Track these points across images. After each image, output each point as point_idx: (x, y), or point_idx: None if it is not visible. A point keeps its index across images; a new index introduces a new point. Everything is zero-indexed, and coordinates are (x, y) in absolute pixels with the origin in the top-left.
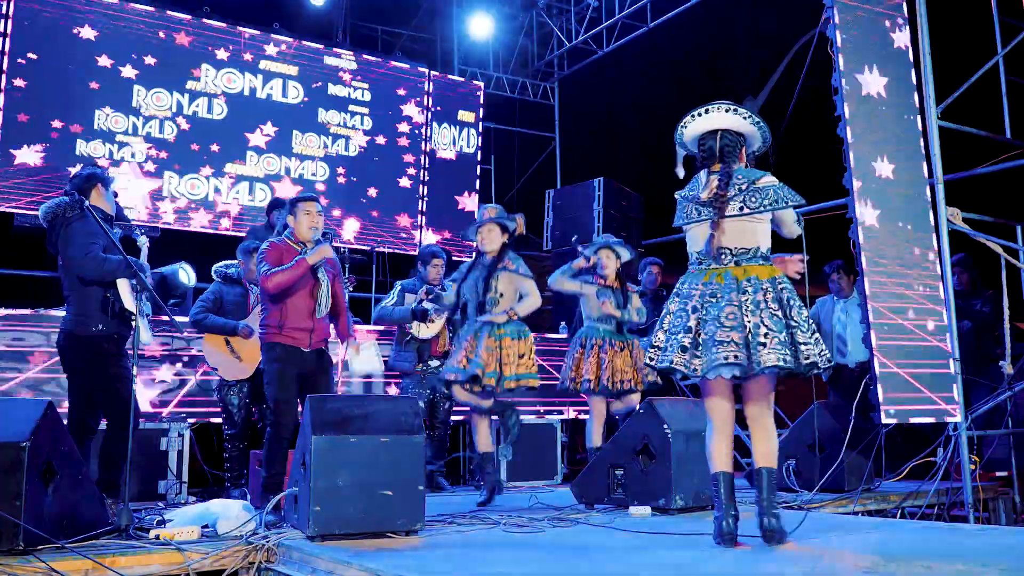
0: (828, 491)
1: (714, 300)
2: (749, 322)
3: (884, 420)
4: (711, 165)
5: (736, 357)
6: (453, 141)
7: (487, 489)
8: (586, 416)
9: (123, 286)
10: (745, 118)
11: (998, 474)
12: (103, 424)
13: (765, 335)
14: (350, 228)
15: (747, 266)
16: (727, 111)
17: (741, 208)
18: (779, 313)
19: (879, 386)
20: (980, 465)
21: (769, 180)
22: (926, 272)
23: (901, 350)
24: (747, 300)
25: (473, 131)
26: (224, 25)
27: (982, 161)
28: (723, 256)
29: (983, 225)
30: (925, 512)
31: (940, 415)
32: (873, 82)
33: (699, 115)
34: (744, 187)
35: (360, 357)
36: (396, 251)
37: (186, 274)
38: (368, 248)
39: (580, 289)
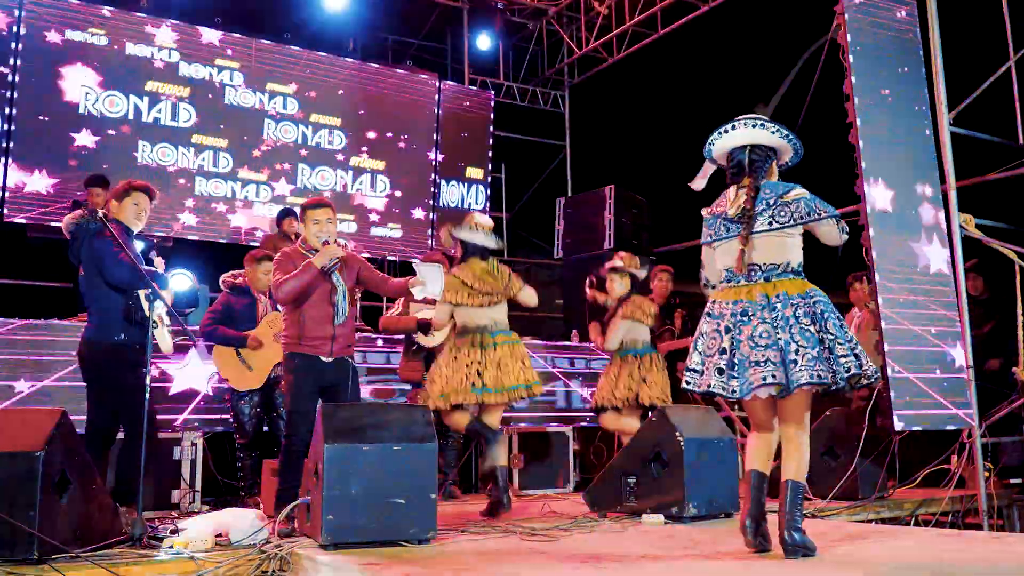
0: (842, 499)
1: (745, 319)
2: (781, 339)
3: (898, 427)
4: (740, 180)
5: (774, 376)
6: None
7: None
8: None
9: (144, 296)
10: (773, 132)
11: (1012, 481)
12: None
13: (796, 351)
14: (359, 236)
15: (777, 281)
16: (754, 126)
17: (770, 223)
18: (811, 328)
19: (893, 393)
20: (994, 472)
21: (799, 193)
22: (939, 278)
23: (915, 356)
24: (777, 317)
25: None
26: (234, 36)
27: (995, 167)
28: (753, 273)
29: (996, 231)
30: (939, 520)
31: (954, 422)
32: (885, 88)
33: (726, 131)
34: (772, 202)
35: (427, 282)
36: (407, 259)
37: (186, 279)
38: (379, 258)
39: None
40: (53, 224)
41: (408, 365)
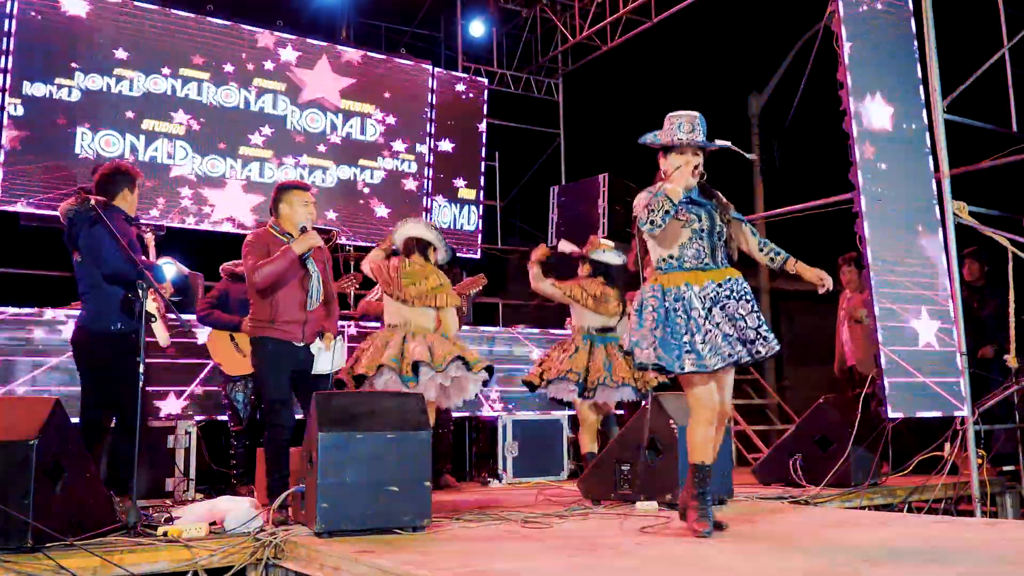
0: (835, 486)
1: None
2: None
3: (891, 414)
4: None
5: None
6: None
7: None
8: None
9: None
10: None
11: (1005, 468)
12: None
13: None
14: (354, 226)
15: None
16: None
17: None
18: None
19: (886, 380)
20: (987, 459)
21: (636, 202)
22: (933, 266)
23: (908, 344)
24: None
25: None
26: (227, 23)
27: (988, 155)
28: None
29: (990, 219)
30: (932, 507)
31: (947, 409)
32: (879, 76)
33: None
34: None
35: (326, 354)
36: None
37: (172, 267)
38: (372, 244)
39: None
40: (47, 212)
41: None
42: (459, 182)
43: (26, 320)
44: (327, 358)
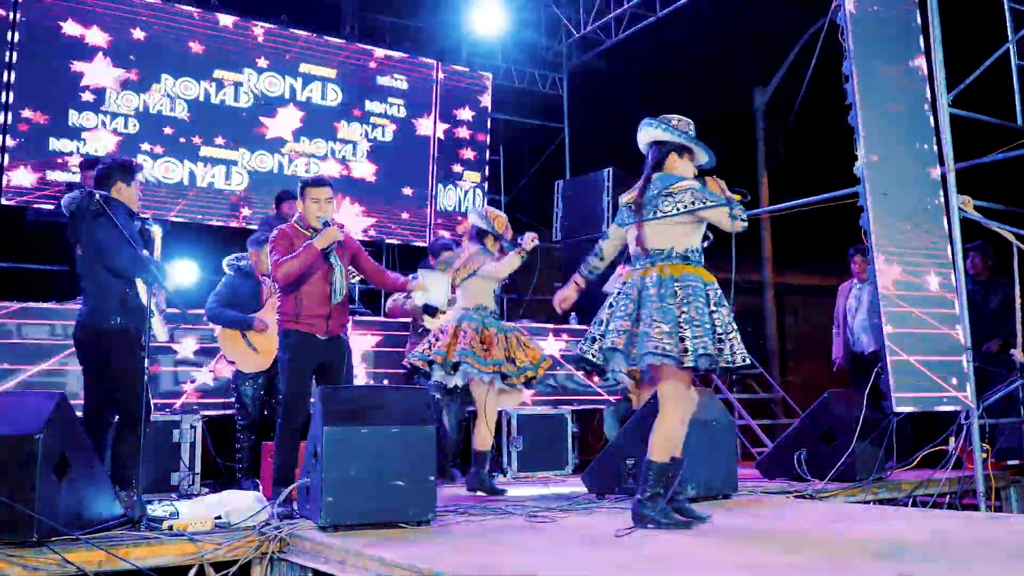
0: (839, 480)
1: (625, 296)
2: (641, 312)
3: (896, 409)
4: (646, 173)
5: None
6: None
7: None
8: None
9: (141, 282)
10: (664, 128)
11: (1010, 463)
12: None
13: (650, 325)
14: (358, 220)
15: (660, 265)
16: (655, 126)
17: (654, 213)
18: (672, 307)
19: (891, 374)
20: (992, 453)
21: (684, 185)
22: (938, 260)
23: (913, 338)
24: (644, 293)
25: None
26: (232, 18)
27: (993, 149)
28: (646, 257)
29: (995, 213)
30: (937, 501)
31: (952, 403)
32: (884, 69)
33: (639, 130)
34: (656, 193)
35: (430, 289)
36: (405, 243)
37: (194, 268)
38: (377, 240)
39: None
40: (52, 207)
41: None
42: (463, 174)
43: (32, 315)
44: (435, 289)
